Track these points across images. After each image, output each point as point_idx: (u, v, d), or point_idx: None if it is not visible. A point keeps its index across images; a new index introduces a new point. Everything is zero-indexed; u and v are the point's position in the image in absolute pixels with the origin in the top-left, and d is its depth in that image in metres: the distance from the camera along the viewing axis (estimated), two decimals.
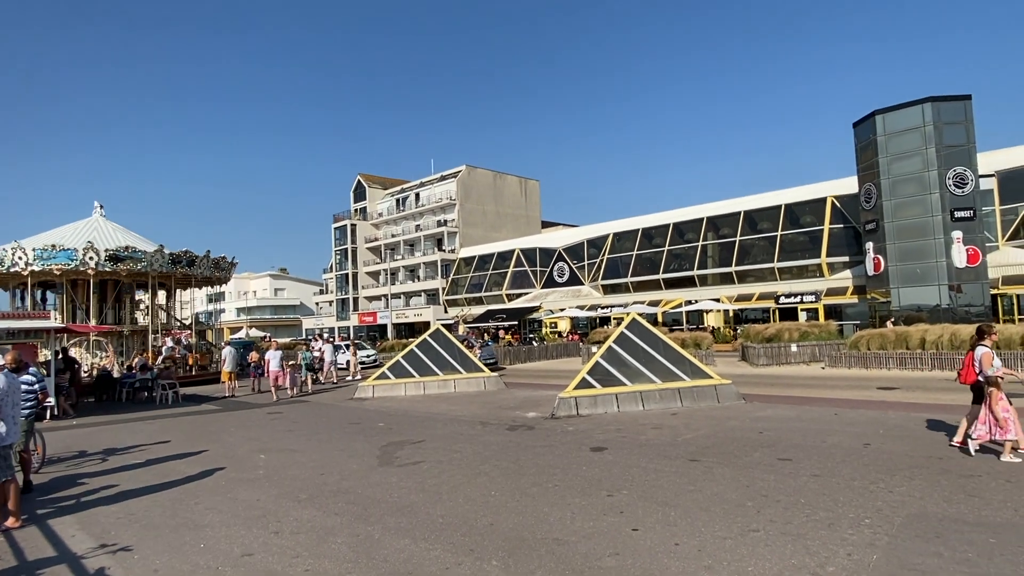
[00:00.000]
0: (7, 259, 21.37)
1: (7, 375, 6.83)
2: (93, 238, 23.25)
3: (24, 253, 21.40)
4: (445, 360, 17.86)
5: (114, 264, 22.54)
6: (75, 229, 24.72)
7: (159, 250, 24.16)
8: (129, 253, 23.15)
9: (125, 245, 23.57)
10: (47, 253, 21.57)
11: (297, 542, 5.43)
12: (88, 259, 21.84)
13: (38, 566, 5.19)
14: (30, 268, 21.43)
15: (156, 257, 23.72)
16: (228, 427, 12.85)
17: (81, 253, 21.81)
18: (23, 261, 21.37)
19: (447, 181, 62.11)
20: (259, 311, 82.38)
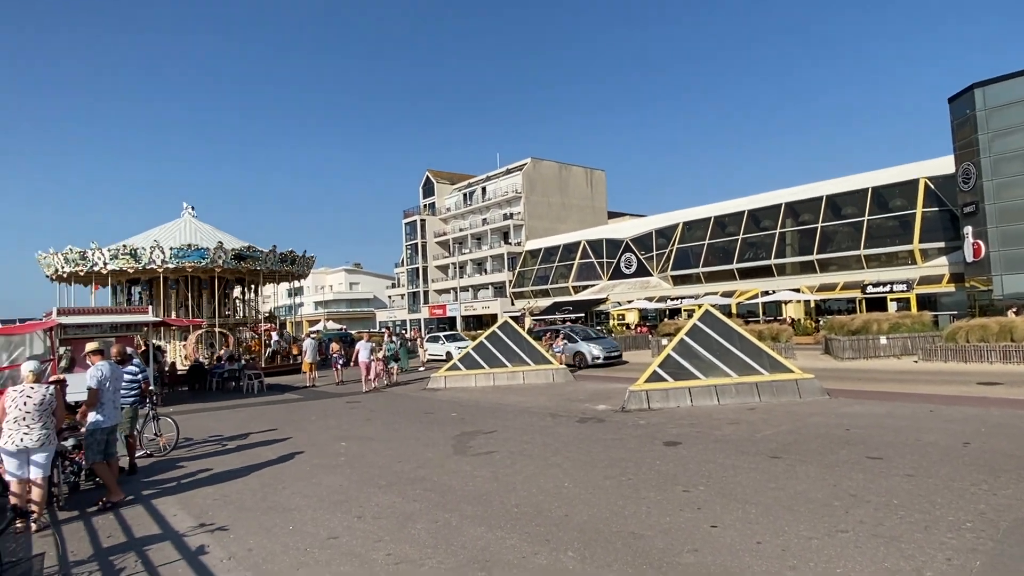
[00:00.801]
0: (144, 256, 23.12)
1: (111, 364, 7.45)
2: (222, 238, 25.22)
3: (161, 252, 23.14)
4: (514, 352, 17.99)
5: (237, 262, 24.36)
6: (174, 229, 26.56)
7: (272, 250, 25.97)
8: (251, 252, 24.98)
9: (248, 245, 25.44)
10: (183, 252, 23.39)
11: (379, 527, 5.64)
12: (217, 257, 23.63)
13: (145, 542, 5.64)
14: (165, 265, 23.19)
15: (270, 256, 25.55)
16: (310, 416, 13.48)
17: (212, 252, 23.60)
18: (159, 259, 23.12)
19: (512, 174, 62.32)
20: (335, 304, 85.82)
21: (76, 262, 23.76)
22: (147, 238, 25.33)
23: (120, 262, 23.26)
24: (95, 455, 7.02)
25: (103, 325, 16.62)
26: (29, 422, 6.16)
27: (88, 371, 7.37)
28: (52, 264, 24.63)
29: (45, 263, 25.15)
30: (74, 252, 23.87)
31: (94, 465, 7.12)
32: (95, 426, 7.06)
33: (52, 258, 24.53)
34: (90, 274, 24.30)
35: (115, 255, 23.31)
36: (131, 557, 5.24)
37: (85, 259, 23.64)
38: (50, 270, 25.13)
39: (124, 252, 23.30)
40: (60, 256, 24.08)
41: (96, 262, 23.42)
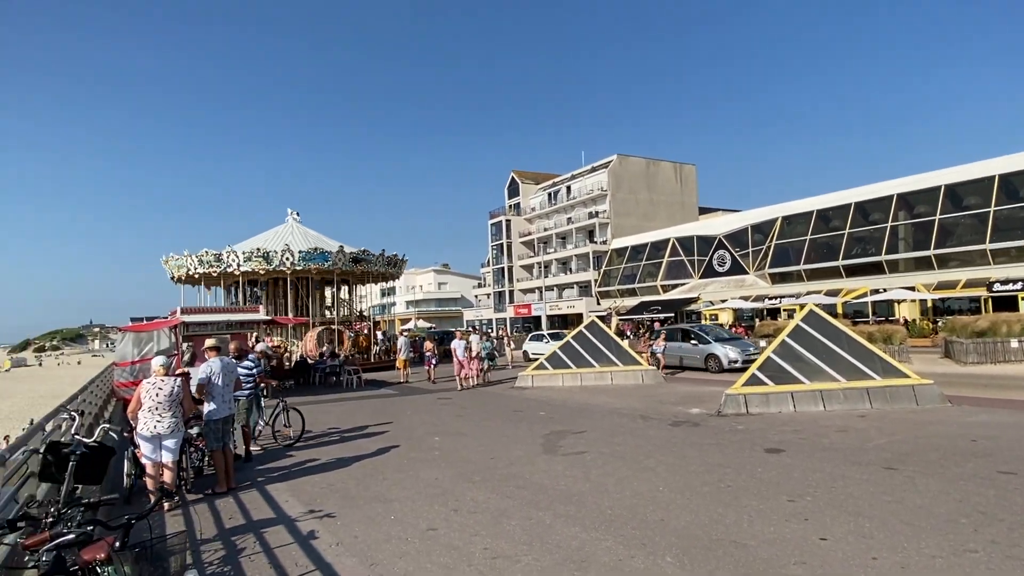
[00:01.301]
0: (275, 259, 25.07)
1: (221, 360, 8.05)
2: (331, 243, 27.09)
3: (291, 255, 25.02)
4: (601, 352, 17.80)
5: (354, 265, 26.06)
6: (277, 234, 28.46)
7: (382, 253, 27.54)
8: (365, 256, 26.61)
9: (363, 248, 27.06)
10: (311, 255, 25.24)
11: (475, 521, 5.77)
12: (338, 260, 25.39)
13: (261, 525, 6.07)
14: (293, 267, 25.07)
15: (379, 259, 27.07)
16: (404, 410, 13.99)
17: (334, 255, 25.33)
18: (289, 262, 25.01)
19: (598, 172, 61.65)
20: (425, 304, 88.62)
21: (211, 263, 25.83)
22: (261, 241, 27.25)
23: (253, 264, 25.10)
24: (213, 443, 7.65)
25: (219, 323, 18.07)
26: (161, 411, 6.80)
27: (200, 367, 8.05)
28: (184, 266, 26.89)
29: (174, 264, 27.51)
30: (209, 255, 25.94)
31: (212, 453, 7.76)
32: (209, 417, 7.70)
33: (186, 260, 26.68)
34: (220, 275, 26.43)
35: (248, 257, 25.16)
36: (250, 538, 5.66)
37: (220, 261, 25.65)
38: (180, 271, 27.44)
39: (257, 255, 25.12)
40: (195, 258, 26.18)
41: (230, 264, 25.37)
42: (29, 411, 43.14)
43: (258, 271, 25.42)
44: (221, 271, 25.87)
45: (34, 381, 74.83)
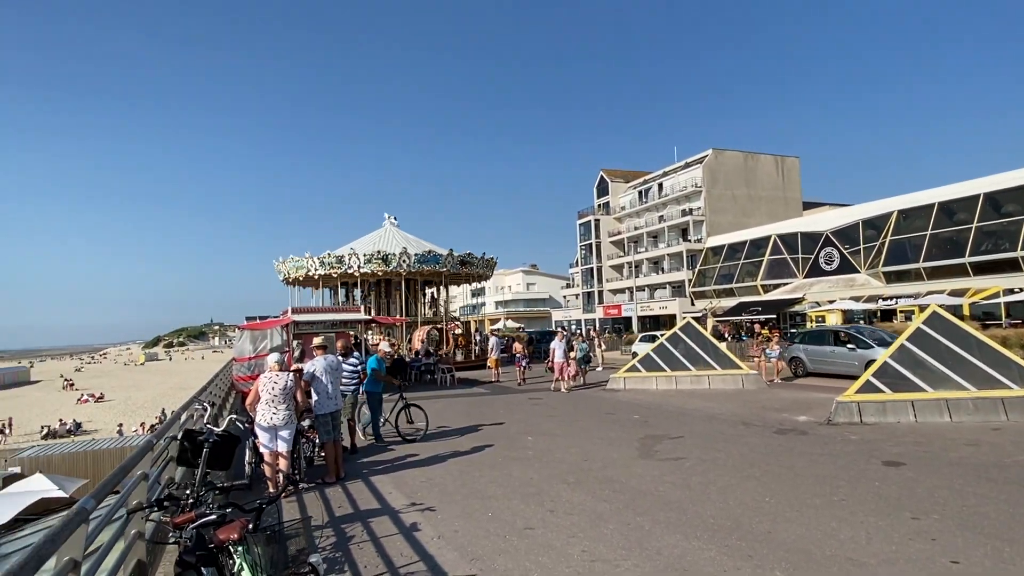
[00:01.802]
0: (393, 260, 26.51)
1: (325, 358, 8.51)
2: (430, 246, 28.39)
3: (408, 257, 26.40)
4: (697, 354, 17.21)
5: (461, 267, 27.21)
6: (378, 237, 29.82)
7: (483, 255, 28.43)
8: (470, 258, 27.73)
9: (469, 252, 28.18)
10: (425, 257, 26.60)
11: (572, 523, 5.77)
12: (447, 262, 26.60)
13: (368, 515, 6.38)
14: (408, 269, 26.45)
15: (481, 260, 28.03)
16: (497, 409, 14.21)
17: (444, 258, 26.58)
18: (406, 264, 26.42)
19: (691, 168, 59.60)
20: (513, 304, 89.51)
21: (332, 265, 27.40)
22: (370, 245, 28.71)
23: (372, 265, 26.49)
24: (324, 435, 8.14)
25: (326, 322, 19.20)
26: (276, 404, 7.31)
27: (306, 365, 8.57)
28: (304, 267, 28.64)
29: (292, 266, 29.37)
30: (332, 256, 27.53)
31: (323, 444, 8.25)
32: (316, 411, 8.18)
33: (306, 261, 28.40)
34: (337, 276, 28.06)
35: (369, 259, 26.54)
36: (358, 526, 5.97)
37: (341, 263, 27.15)
38: (299, 272, 29.23)
39: (377, 257, 26.51)
40: (316, 260, 27.84)
41: (351, 265, 26.83)
42: (161, 401, 47.91)
43: (376, 272, 26.76)
44: (341, 272, 27.39)
45: (164, 374, 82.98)
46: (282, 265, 29.75)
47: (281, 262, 29.83)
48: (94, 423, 38.80)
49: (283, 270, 29.88)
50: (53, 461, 17.59)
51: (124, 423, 36.81)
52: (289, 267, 29.27)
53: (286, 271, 29.65)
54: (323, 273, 27.78)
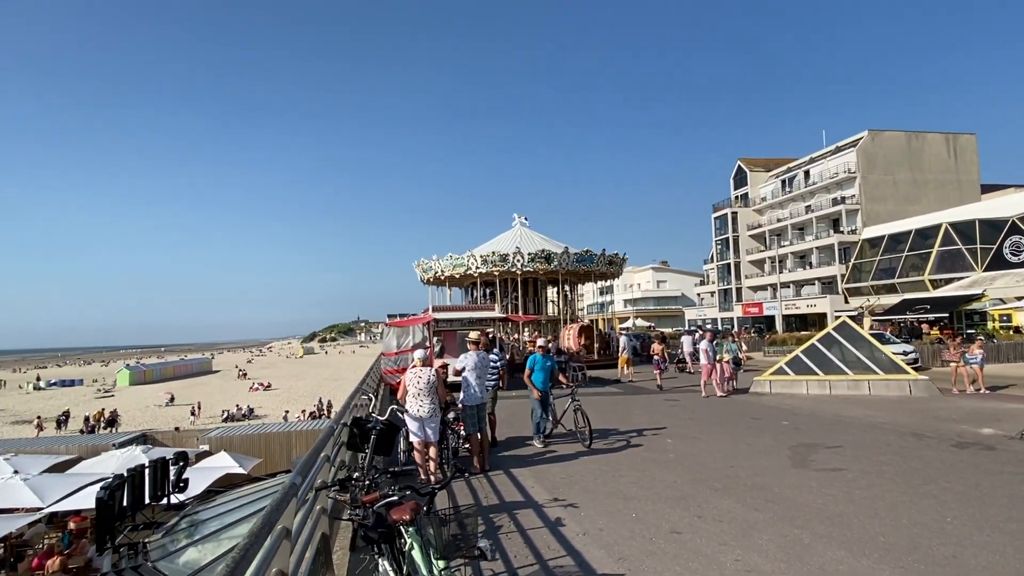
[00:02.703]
0: (508, 261, 27.60)
1: (477, 353, 8.89)
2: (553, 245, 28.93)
3: (521, 256, 27.37)
4: (855, 357, 15.73)
5: (578, 264, 27.66)
6: (509, 238, 30.65)
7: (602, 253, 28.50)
8: (588, 256, 28.10)
9: (586, 249, 28.64)
10: (537, 256, 27.41)
11: (722, 530, 5.57)
12: (563, 261, 27.23)
13: (513, 507, 6.60)
14: (523, 268, 27.33)
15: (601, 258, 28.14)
16: (632, 409, 14.01)
17: (559, 256, 27.31)
18: (520, 263, 27.36)
19: (844, 152, 54.36)
20: (643, 302, 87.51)
21: (454, 266, 28.92)
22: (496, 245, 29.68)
23: (489, 266, 27.57)
24: (470, 427, 8.53)
25: (463, 320, 20.08)
26: (422, 397, 7.79)
27: (459, 358, 9.01)
28: (433, 268, 30.41)
29: (425, 267, 31.20)
30: (454, 258, 29.08)
31: (469, 436, 8.65)
32: (464, 403, 8.58)
33: (435, 263, 30.15)
34: (461, 276, 29.44)
35: (485, 260, 27.67)
36: (504, 517, 6.20)
37: (462, 264, 28.58)
38: (429, 273, 31.06)
39: (493, 257, 27.54)
40: (442, 262, 29.53)
41: (470, 266, 28.15)
42: (318, 390, 52.82)
43: (493, 272, 27.63)
44: (463, 273, 28.67)
45: (319, 366, 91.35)
46: (421, 266, 31.55)
47: (420, 263, 31.63)
48: (263, 409, 43.66)
49: (422, 271, 31.67)
50: (233, 441, 19.99)
51: (289, 410, 41.06)
52: (427, 268, 30.97)
53: (425, 272, 31.40)
54: (457, 273, 29.10)
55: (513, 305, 30.26)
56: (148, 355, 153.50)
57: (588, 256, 28.63)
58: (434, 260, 30.26)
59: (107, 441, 20.75)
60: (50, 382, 71.28)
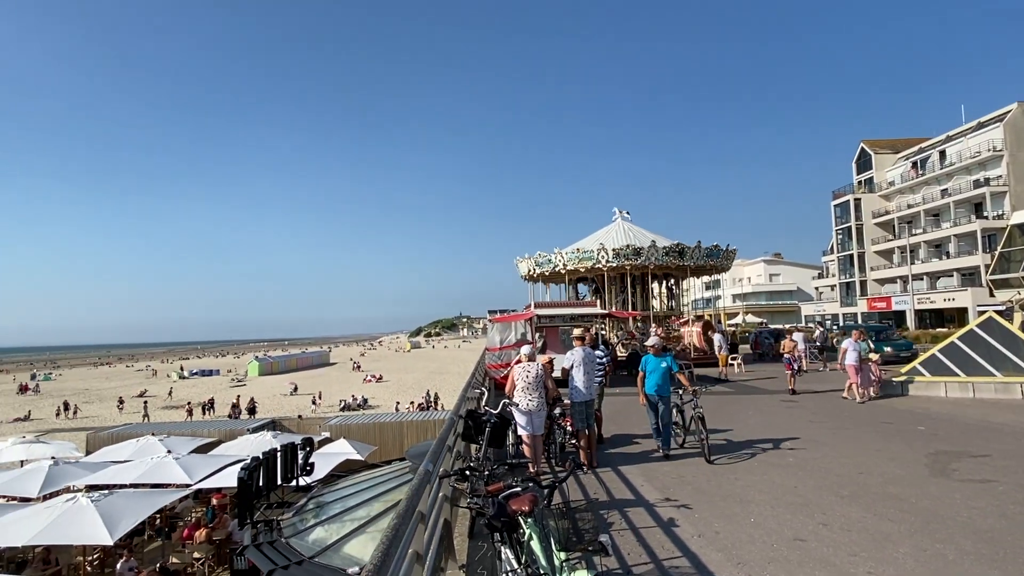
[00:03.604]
0: (592, 257, 27.49)
1: (584, 350, 8.89)
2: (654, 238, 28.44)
3: (605, 252, 27.05)
4: (1003, 356, 14.07)
5: (667, 258, 26.95)
6: (610, 232, 30.31)
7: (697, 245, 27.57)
8: (679, 248, 27.37)
9: (676, 242, 27.90)
10: (623, 252, 27.02)
11: (851, 540, 5.24)
12: (650, 255, 26.65)
13: (623, 504, 6.57)
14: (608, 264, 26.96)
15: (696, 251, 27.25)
16: (745, 409, 13.41)
17: (646, 251, 26.75)
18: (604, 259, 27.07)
19: (988, 128, 48.51)
20: (753, 297, 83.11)
21: (543, 264, 29.20)
22: (592, 241, 29.46)
23: (575, 263, 27.51)
24: (579, 423, 8.56)
25: (565, 316, 20.12)
26: (530, 391, 7.93)
27: (566, 354, 9.04)
28: (528, 266, 30.85)
29: (523, 264, 31.67)
30: (543, 256, 29.39)
31: (577, 432, 8.68)
32: (572, 399, 8.62)
33: (528, 261, 30.68)
34: (552, 274, 29.59)
35: (571, 257, 27.68)
36: (615, 514, 6.19)
37: (550, 261, 28.80)
38: (526, 271, 31.51)
39: (578, 254, 27.48)
40: (532, 260, 29.94)
41: (557, 263, 28.30)
42: (425, 383, 55.06)
43: (595, 267, 27.41)
44: (552, 270, 28.74)
45: (426, 360, 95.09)
46: (522, 263, 31.94)
47: (521, 260, 32.04)
48: (376, 399, 46.18)
49: (523, 267, 32.05)
50: (351, 429, 21.34)
51: (400, 400, 43.16)
52: (528, 264, 31.31)
53: (528, 267, 31.76)
54: (558, 269, 29.15)
55: (616, 301, 29.89)
56: (274, 348, 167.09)
57: (679, 248, 27.67)
58: (527, 258, 30.61)
59: (242, 426, 22.90)
60: (192, 372, 79.70)
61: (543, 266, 29.69)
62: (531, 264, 30.80)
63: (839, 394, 15.01)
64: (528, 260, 31.01)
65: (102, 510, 11.47)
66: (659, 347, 9.55)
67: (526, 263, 31.32)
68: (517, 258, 32.63)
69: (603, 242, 28.52)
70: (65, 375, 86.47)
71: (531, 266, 30.83)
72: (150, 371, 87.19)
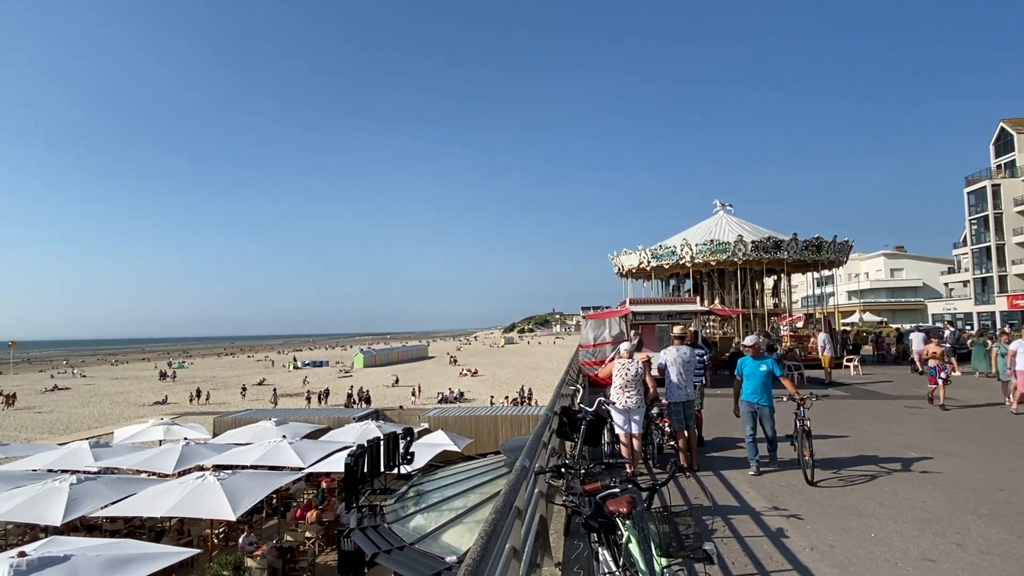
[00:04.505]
0: (728, 249, 26.33)
1: (678, 348, 8.56)
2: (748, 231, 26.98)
3: (743, 245, 25.87)
4: None
5: (806, 252, 25.47)
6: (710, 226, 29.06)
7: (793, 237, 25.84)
8: (818, 242, 25.77)
9: (816, 236, 26.28)
10: (763, 244, 25.73)
11: (991, 564, 4.68)
12: (790, 249, 25.25)
13: (726, 511, 6.26)
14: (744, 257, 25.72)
15: (791, 245, 25.52)
16: (862, 415, 12.40)
17: (787, 244, 25.34)
18: (741, 252, 25.81)
19: None
20: (872, 294, 76.68)
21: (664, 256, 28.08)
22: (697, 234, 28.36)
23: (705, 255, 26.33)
24: (677, 424, 8.26)
25: (661, 313, 19.56)
26: (629, 389, 7.74)
27: (660, 353, 8.75)
28: (630, 260, 30.02)
29: (625, 259, 30.92)
30: (663, 248, 28.34)
31: (675, 433, 8.39)
32: (669, 399, 8.32)
33: (638, 255, 29.65)
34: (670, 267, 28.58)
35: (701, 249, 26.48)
36: (717, 521, 5.91)
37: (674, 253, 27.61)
38: (630, 265, 30.65)
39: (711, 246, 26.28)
40: (647, 252, 28.90)
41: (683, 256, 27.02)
42: (519, 378, 55.70)
43: (708, 262, 26.33)
44: (662, 264, 27.77)
45: (519, 356, 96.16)
46: (616, 259, 31.36)
47: (615, 256, 31.46)
48: (471, 393, 47.25)
49: (617, 263, 31.46)
50: (449, 421, 21.95)
51: (494, 395, 43.90)
52: (622, 261, 30.66)
53: (618, 264, 31.15)
54: (654, 265, 28.28)
55: (718, 298, 28.64)
56: (376, 341, 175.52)
57: (810, 243, 25.90)
58: (639, 251, 29.78)
59: (348, 415, 24.23)
60: (304, 362, 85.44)
61: (640, 261, 28.94)
62: (626, 259, 30.16)
63: (970, 401, 13.50)
64: (624, 255, 30.36)
65: (227, 488, 12.53)
66: (760, 347, 8.31)
67: (621, 258, 30.71)
68: (611, 253, 32.10)
69: (705, 236, 27.40)
70: (196, 364, 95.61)
71: (627, 261, 30.17)
72: (268, 361, 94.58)
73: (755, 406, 8.01)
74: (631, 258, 29.71)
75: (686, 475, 7.80)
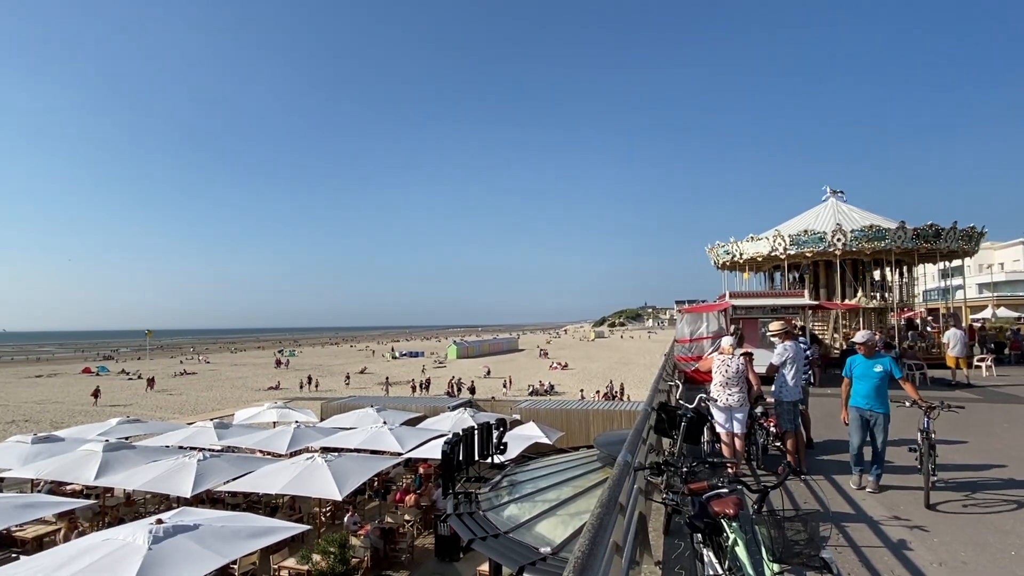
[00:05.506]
0: (826, 239, 24.81)
1: (795, 345, 8.08)
2: (840, 220, 24.94)
3: (842, 235, 24.22)
4: None
5: (918, 242, 23.38)
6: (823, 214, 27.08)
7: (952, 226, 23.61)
8: (932, 230, 23.56)
9: (930, 223, 24.03)
10: (865, 233, 23.81)
11: None
12: (897, 237, 23.28)
13: (840, 518, 5.86)
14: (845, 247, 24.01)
15: (898, 234, 23.24)
16: (995, 420, 11.19)
17: (892, 233, 23.32)
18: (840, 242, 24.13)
19: None
20: (1007, 287, 68.83)
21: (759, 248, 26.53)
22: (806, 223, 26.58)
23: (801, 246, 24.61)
24: (786, 424, 7.82)
25: (765, 307, 18.60)
26: (730, 386, 7.43)
27: (776, 349, 8.26)
28: (731, 252, 28.65)
29: (721, 251, 29.64)
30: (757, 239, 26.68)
31: (783, 433, 7.94)
32: (780, 398, 7.87)
33: (732, 246, 28.34)
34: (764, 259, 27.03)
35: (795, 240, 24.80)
36: (830, 528, 5.53)
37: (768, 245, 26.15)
38: (727, 257, 29.34)
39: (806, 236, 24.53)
40: (741, 244, 27.49)
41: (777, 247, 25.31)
42: (609, 373, 55.07)
43: (803, 253, 24.67)
44: (765, 255, 26.18)
45: (610, 350, 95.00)
46: (713, 251, 30.08)
47: (712, 248, 30.18)
48: (561, 386, 47.28)
49: (716, 255, 30.17)
50: (540, 413, 22.09)
51: (584, 389, 43.69)
52: (718, 253, 29.35)
53: (715, 257, 29.86)
54: (759, 256, 26.76)
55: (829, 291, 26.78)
56: (468, 333, 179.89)
57: (922, 231, 23.53)
58: (731, 243, 28.39)
59: (443, 404, 25.00)
60: (401, 353, 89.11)
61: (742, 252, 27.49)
62: (727, 251, 28.79)
63: None
64: (727, 246, 28.96)
65: (333, 469, 13.33)
66: (874, 345, 7.17)
67: (721, 249, 29.39)
68: (709, 245, 30.84)
69: (813, 224, 25.61)
70: (305, 352, 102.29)
71: (727, 253, 28.78)
72: (368, 351, 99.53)
73: (867, 413, 6.91)
74: (732, 249, 28.07)
75: (798, 479, 7.39)
